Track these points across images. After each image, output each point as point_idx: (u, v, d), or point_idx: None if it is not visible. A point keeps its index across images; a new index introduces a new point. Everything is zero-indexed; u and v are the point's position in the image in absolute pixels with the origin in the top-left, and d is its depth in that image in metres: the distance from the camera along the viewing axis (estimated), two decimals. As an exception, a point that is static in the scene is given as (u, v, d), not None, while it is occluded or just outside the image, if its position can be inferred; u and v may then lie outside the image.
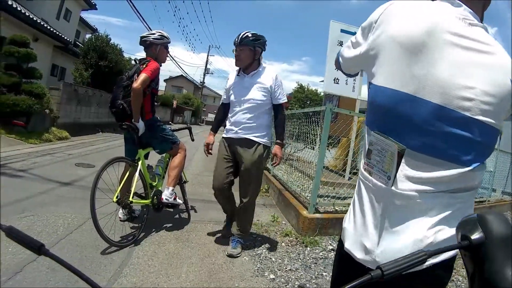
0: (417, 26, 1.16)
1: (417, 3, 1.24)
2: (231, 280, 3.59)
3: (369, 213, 1.28)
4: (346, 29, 6.40)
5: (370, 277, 0.71)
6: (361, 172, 1.35)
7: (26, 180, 6.01)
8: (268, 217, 5.88)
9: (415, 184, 1.17)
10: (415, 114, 1.14)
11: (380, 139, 1.22)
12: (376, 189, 1.25)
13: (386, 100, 1.20)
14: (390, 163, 1.19)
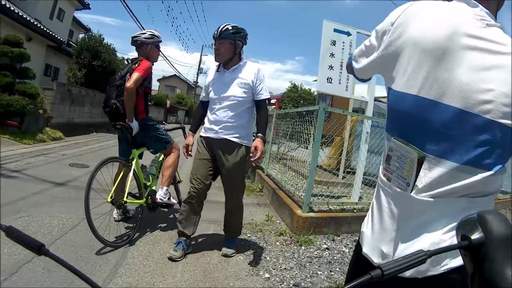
0: (438, 29, 1.14)
1: (435, 4, 1.23)
2: (226, 279, 3.61)
3: (387, 218, 1.28)
4: (339, 29, 6.40)
5: (370, 277, 0.72)
6: (380, 177, 1.34)
7: (20, 181, 5.99)
8: (263, 217, 5.90)
9: (434, 190, 1.16)
10: (437, 120, 1.13)
11: (400, 145, 1.22)
12: (395, 195, 1.25)
13: (407, 106, 1.19)
14: (410, 169, 1.19)
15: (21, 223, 4.12)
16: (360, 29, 6.71)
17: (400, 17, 1.23)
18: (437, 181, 1.15)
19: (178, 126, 5.77)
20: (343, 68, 6.40)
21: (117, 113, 4.30)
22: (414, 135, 1.19)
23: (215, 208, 6.00)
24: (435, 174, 1.15)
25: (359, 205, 6.18)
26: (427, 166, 1.16)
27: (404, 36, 1.19)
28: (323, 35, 6.37)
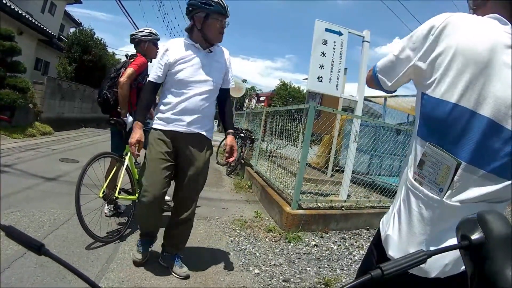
0: (482, 42, 1.19)
1: (474, 17, 1.29)
2: (216, 275, 3.65)
3: (417, 221, 1.30)
4: (330, 29, 6.43)
5: (370, 277, 0.74)
6: (410, 181, 1.35)
7: (10, 176, 5.97)
8: (252, 213, 5.95)
9: (463, 196, 1.23)
10: (472, 129, 1.19)
11: (436, 152, 1.25)
12: (427, 200, 1.28)
13: (445, 113, 1.23)
14: (445, 176, 1.23)
15: (12, 218, 4.13)
16: (351, 29, 6.74)
17: (442, 26, 1.25)
18: (466, 187, 1.22)
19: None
20: (334, 67, 6.44)
21: (107, 104, 4.40)
22: (449, 142, 1.24)
23: (206, 204, 6.04)
24: (465, 181, 1.22)
25: (347, 203, 6.25)
26: (459, 173, 1.21)
27: (447, 45, 1.23)
28: (315, 34, 6.40)
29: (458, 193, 1.23)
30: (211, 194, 7.13)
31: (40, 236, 3.78)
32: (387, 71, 1.46)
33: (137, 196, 4.33)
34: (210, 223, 5.21)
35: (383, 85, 1.50)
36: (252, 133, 10.67)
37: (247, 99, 30.23)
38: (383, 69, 1.48)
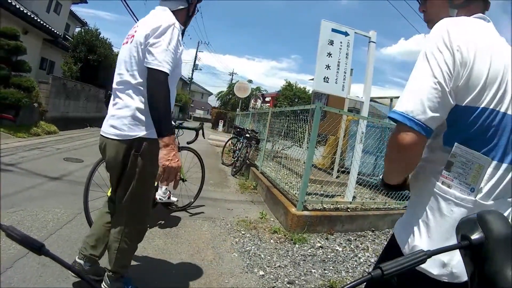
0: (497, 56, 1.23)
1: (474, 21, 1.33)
2: (220, 276, 3.62)
3: (449, 226, 1.25)
4: (337, 29, 6.40)
5: (370, 277, 0.73)
6: (437, 186, 1.30)
7: (14, 175, 5.97)
8: (257, 214, 5.92)
9: (494, 193, 1.24)
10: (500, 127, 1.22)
11: (467, 151, 1.23)
12: (459, 201, 1.25)
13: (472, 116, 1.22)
14: (477, 175, 1.21)
15: (16, 217, 4.11)
16: (357, 30, 6.71)
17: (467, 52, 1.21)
18: (497, 184, 1.24)
19: (195, 127, 5.19)
20: (340, 68, 6.41)
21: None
22: (479, 143, 1.23)
23: (210, 204, 6.03)
24: (495, 178, 1.23)
25: (352, 205, 6.22)
26: (490, 171, 1.22)
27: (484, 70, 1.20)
28: (321, 34, 6.37)
29: (491, 191, 1.23)
30: (216, 195, 7.11)
31: (43, 235, 3.77)
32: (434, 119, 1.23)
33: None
34: (215, 224, 5.19)
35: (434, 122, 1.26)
36: (257, 134, 10.65)
37: (253, 100, 30.25)
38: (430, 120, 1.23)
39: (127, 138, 2.39)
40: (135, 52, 2.39)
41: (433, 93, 1.19)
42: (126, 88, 2.44)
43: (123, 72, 2.46)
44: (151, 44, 2.30)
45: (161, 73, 2.26)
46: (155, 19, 2.41)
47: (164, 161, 2.27)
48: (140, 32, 2.40)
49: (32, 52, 15.46)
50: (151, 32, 2.32)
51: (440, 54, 1.22)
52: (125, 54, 2.48)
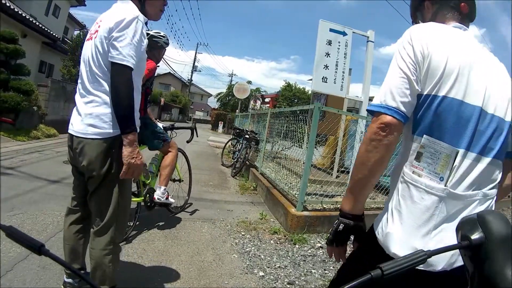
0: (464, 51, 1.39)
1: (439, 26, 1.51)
2: (220, 277, 3.62)
3: (420, 213, 1.32)
4: (335, 29, 6.42)
5: (370, 277, 0.73)
6: (408, 175, 1.38)
7: (14, 178, 5.97)
8: (257, 215, 5.92)
9: (467, 182, 1.30)
10: (467, 118, 1.31)
11: (435, 142, 1.32)
12: (429, 190, 1.31)
13: (440, 107, 1.32)
14: (445, 164, 1.30)
15: (16, 220, 4.12)
16: (356, 29, 6.72)
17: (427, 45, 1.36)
18: (466, 173, 1.30)
19: (189, 126, 5.29)
20: (338, 68, 6.42)
21: None
22: (446, 133, 1.32)
23: (209, 206, 6.03)
24: (464, 167, 1.30)
25: (353, 204, 6.20)
26: (458, 160, 1.29)
27: (441, 61, 1.33)
28: (319, 34, 6.38)
29: (461, 180, 1.30)
30: (216, 196, 7.11)
31: (43, 238, 3.78)
32: (404, 104, 1.37)
33: (142, 199, 4.31)
34: (215, 225, 5.19)
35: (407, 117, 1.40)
36: (257, 135, 10.64)
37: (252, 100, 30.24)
38: (401, 103, 1.37)
39: (109, 136, 2.33)
40: (101, 47, 2.30)
41: (400, 82, 1.36)
42: (100, 84, 2.34)
43: (93, 69, 2.36)
44: (115, 38, 2.23)
45: (125, 67, 2.23)
46: (118, 12, 2.33)
47: (129, 159, 2.27)
48: (104, 26, 2.31)
49: (31, 56, 15.49)
50: (115, 25, 2.24)
51: (404, 50, 1.40)
52: (91, 50, 2.38)
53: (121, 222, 2.55)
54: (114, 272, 2.51)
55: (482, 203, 1.33)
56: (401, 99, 1.34)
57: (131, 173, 2.32)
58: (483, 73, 1.35)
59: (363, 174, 1.44)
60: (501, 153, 1.37)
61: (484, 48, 1.49)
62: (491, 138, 1.33)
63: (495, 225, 0.78)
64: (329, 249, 1.62)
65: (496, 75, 1.41)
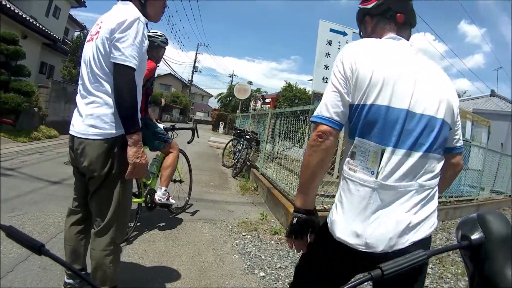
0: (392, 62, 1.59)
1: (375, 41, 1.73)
2: (221, 278, 3.62)
3: (357, 203, 1.52)
4: (335, 29, 6.41)
5: (370, 277, 0.73)
6: (345, 172, 1.60)
7: (15, 179, 5.97)
8: (257, 215, 5.92)
9: (393, 175, 1.48)
10: (393, 120, 1.50)
11: (364, 142, 1.52)
12: (363, 183, 1.51)
13: (370, 114, 1.52)
14: (374, 160, 1.50)
15: (16, 221, 4.11)
16: (356, 29, 6.70)
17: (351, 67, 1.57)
18: (397, 166, 1.48)
19: (190, 127, 5.38)
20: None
21: None
22: (374, 134, 1.51)
23: (209, 206, 6.02)
24: (394, 161, 1.48)
25: (353, 205, 6.19)
26: (386, 156, 1.48)
27: (362, 76, 1.54)
28: (319, 34, 6.37)
29: (391, 173, 1.48)
30: (216, 197, 7.11)
31: (44, 239, 3.78)
32: (338, 114, 1.60)
33: (143, 199, 4.31)
34: (216, 226, 5.19)
35: (339, 126, 1.61)
36: (257, 135, 10.64)
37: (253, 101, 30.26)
38: (334, 113, 1.60)
39: (111, 137, 2.34)
40: (102, 48, 2.31)
41: (333, 96, 1.59)
42: (101, 85, 2.35)
43: (94, 70, 2.37)
44: (117, 39, 2.25)
45: (128, 68, 2.24)
46: (120, 13, 2.35)
47: (134, 159, 2.30)
48: (105, 27, 2.32)
49: (32, 57, 15.48)
50: (117, 26, 2.26)
51: (336, 68, 1.63)
52: (92, 51, 2.39)
53: (122, 222, 2.56)
54: (115, 272, 2.51)
55: (420, 193, 1.52)
56: (334, 110, 1.57)
57: (137, 172, 2.35)
58: (411, 79, 1.55)
59: (308, 175, 1.66)
60: (434, 148, 1.56)
61: (419, 54, 1.70)
62: (421, 135, 1.52)
63: (495, 225, 0.78)
64: (289, 240, 1.81)
65: (428, 79, 1.60)
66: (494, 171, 11.83)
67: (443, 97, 1.60)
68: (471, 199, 9.73)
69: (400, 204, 1.49)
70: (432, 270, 4.67)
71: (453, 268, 4.81)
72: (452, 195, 8.89)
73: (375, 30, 1.85)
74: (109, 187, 2.42)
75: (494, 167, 11.72)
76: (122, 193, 2.47)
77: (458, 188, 9.50)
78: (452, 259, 5.14)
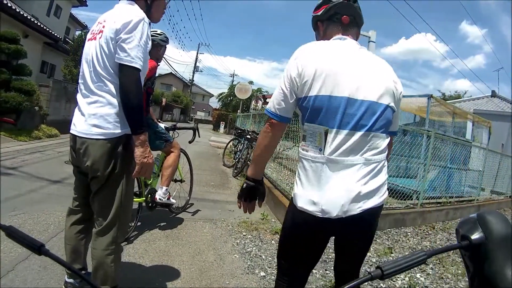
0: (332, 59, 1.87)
1: (323, 42, 2.03)
2: (222, 277, 3.62)
3: (312, 176, 1.83)
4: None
5: (370, 277, 0.73)
6: (301, 152, 1.93)
7: (16, 178, 5.98)
8: (258, 215, 5.91)
9: (338, 150, 1.76)
10: (335, 106, 1.78)
11: (311, 125, 1.84)
12: (313, 159, 1.82)
13: (313, 102, 1.82)
14: (320, 140, 1.80)
15: (17, 220, 4.12)
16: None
17: (300, 66, 1.86)
18: (341, 144, 1.76)
19: (191, 127, 5.40)
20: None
21: None
22: (320, 118, 1.80)
23: (210, 206, 6.02)
24: (338, 140, 1.76)
25: (354, 205, 6.18)
26: (331, 136, 1.77)
27: (309, 73, 1.82)
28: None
29: (336, 149, 1.77)
30: (217, 196, 7.11)
31: (44, 238, 3.78)
32: (280, 109, 1.96)
33: (144, 199, 4.31)
34: (216, 225, 5.19)
35: (281, 118, 1.98)
36: (258, 135, 10.61)
37: (254, 101, 30.20)
38: (276, 107, 1.97)
39: (114, 137, 2.34)
40: (107, 48, 2.30)
41: (278, 95, 1.94)
42: (105, 85, 2.34)
43: (97, 70, 2.35)
44: (123, 39, 2.24)
45: (134, 69, 2.25)
46: (125, 13, 2.33)
47: (142, 159, 2.31)
48: (109, 27, 2.31)
49: (33, 56, 15.46)
50: (122, 27, 2.25)
51: (286, 70, 1.94)
52: (96, 50, 2.37)
53: (124, 222, 2.56)
54: (116, 272, 2.50)
55: (367, 166, 1.80)
56: (278, 107, 1.94)
57: (144, 172, 2.38)
58: (352, 72, 1.82)
59: (258, 152, 2.08)
60: (376, 128, 1.81)
61: (362, 49, 2.00)
62: (362, 118, 1.78)
63: (495, 225, 0.78)
64: (238, 202, 2.22)
65: (370, 70, 1.88)
66: (494, 172, 11.84)
67: (385, 85, 1.87)
68: (472, 200, 9.72)
69: (349, 175, 1.77)
70: (432, 270, 4.67)
71: (453, 268, 4.81)
72: (453, 196, 8.90)
73: (325, 33, 2.12)
74: (111, 187, 2.42)
75: (494, 168, 11.72)
76: (124, 192, 2.47)
77: (459, 188, 9.51)
78: (452, 260, 5.13)
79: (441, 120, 10.92)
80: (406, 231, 6.49)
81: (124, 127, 2.33)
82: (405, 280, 4.22)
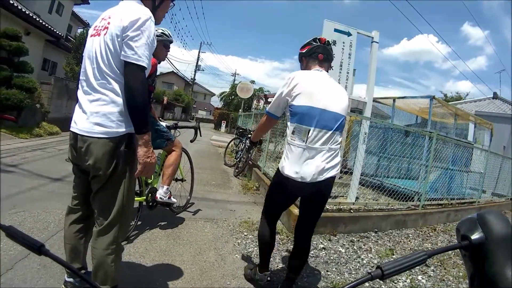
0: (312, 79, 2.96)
1: (307, 72, 3.10)
2: (223, 278, 3.61)
3: (296, 156, 2.83)
4: (339, 29, 6.37)
5: (370, 277, 0.73)
6: (289, 140, 2.89)
7: (16, 176, 5.97)
8: (259, 215, 5.86)
9: (317, 141, 2.80)
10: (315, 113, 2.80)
11: (298, 126, 2.82)
12: (298, 146, 2.82)
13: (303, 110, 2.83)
14: (304, 134, 2.79)
15: (17, 218, 4.11)
16: (360, 30, 6.68)
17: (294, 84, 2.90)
18: (317, 137, 2.80)
19: (193, 125, 5.32)
20: (343, 68, 6.41)
21: None
22: (305, 120, 2.81)
23: (211, 206, 6.01)
24: (314, 134, 2.79)
25: (355, 206, 6.20)
26: (311, 132, 2.79)
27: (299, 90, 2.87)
28: (324, 34, 6.32)
29: (313, 141, 2.80)
30: (218, 196, 7.11)
31: (44, 237, 3.76)
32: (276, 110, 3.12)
33: (144, 198, 4.29)
34: (217, 225, 5.18)
35: (275, 116, 3.18)
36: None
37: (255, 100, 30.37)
38: (274, 109, 3.12)
39: (117, 136, 2.30)
40: (112, 45, 2.25)
41: (276, 101, 3.03)
42: (108, 83, 2.29)
43: (101, 67, 2.30)
44: (131, 37, 2.21)
45: (140, 68, 2.22)
46: (132, 11, 2.29)
47: (145, 158, 2.28)
48: (115, 24, 2.26)
49: (34, 53, 15.49)
50: (130, 24, 2.21)
51: (285, 84, 2.94)
52: (99, 46, 2.32)
53: (125, 222, 2.54)
54: (116, 271, 2.47)
55: (329, 151, 2.85)
56: (274, 109, 3.10)
57: (146, 172, 2.36)
58: (324, 92, 2.89)
59: (258, 132, 3.66)
60: (336, 128, 2.88)
61: (331, 78, 3.08)
62: (330, 122, 2.84)
63: (495, 225, 0.78)
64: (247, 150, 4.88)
65: (334, 92, 2.97)
66: (496, 174, 11.85)
67: (344, 103, 3.01)
68: (473, 202, 9.70)
69: (319, 157, 2.81)
70: (433, 272, 4.66)
71: (455, 270, 4.80)
72: (454, 198, 8.89)
73: (307, 65, 3.22)
74: (113, 186, 2.40)
75: (496, 170, 11.74)
76: (126, 192, 2.44)
77: (460, 190, 9.51)
78: (453, 262, 5.12)
79: (443, 122, 10.94)
80: (407, 233, 6.48)
81: (127, 126, 2.30)
82: (406, 282, 4.20)
